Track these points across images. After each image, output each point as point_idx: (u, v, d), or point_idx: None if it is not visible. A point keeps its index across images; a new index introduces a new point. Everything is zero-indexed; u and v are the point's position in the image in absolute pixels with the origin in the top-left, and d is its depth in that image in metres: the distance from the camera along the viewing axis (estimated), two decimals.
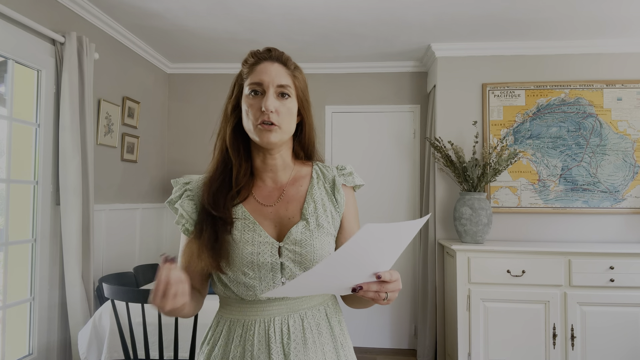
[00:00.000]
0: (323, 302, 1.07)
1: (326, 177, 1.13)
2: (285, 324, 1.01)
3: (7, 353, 2.42)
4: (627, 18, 2.98)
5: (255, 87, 1.01)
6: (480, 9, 2.87)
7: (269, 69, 1.02)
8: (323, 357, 1.01)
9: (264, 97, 1.00)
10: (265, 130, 0.99)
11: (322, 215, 1.06)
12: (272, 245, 1.01)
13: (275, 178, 1.09)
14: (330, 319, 1.07)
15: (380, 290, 0.86)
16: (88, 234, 2.72)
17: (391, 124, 4.00)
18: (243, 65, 1.06)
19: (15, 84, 2.45)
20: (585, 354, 2.88)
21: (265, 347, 0.98)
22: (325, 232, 1.05)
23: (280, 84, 1.01)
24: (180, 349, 2.23)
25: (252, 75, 1.02)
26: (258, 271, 0.99)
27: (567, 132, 3.40)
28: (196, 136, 4.11)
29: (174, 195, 1.06)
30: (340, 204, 1.09)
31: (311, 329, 1.02)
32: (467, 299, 2.97)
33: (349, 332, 3.92)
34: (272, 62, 1.03)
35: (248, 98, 1.02)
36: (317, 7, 2.87)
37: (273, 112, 0.99)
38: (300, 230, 1.02)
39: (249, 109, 1.01)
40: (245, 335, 1.00)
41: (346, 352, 1.07)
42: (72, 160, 2.60)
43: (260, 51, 1.05)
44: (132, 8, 2.90)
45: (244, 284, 0.99)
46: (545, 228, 3.41)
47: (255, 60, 1.04)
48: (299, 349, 0.99)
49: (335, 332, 1.06)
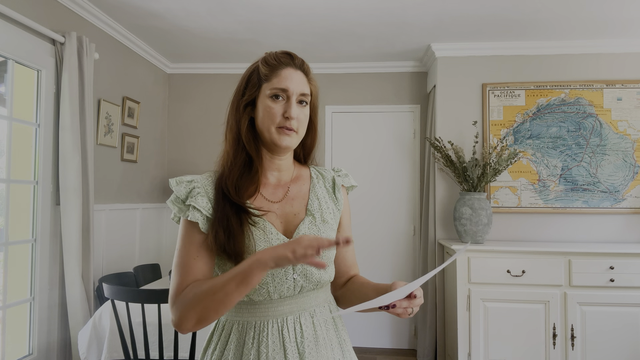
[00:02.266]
0: (326, 298, 1.11)
1: (325, 177, 1.18)
2: (298, 322, 1.02)
3: (7, 353, 2.42)
4: (626, 18, 2.99)
5: (279, 92, 1.03)
6: (480, 9, 2.87)
7: (294, 76, 1.04)
8: (332, 353, 1.04)
9: (285, 102, 1.03)
10: (285, 134, 1.03)
11: (325, 211, 1.10)
12: (283, 241, 1.02)
13: (280, 176, 1.11)
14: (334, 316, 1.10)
15: (409, 307, 0.93)
16: (88, 234, 2.72)
17: (391, 124, 4.00)
18: (263, 65, 1.06)
19: (15, 84, 2.45)
20: (585, 354, 2.88)
21: (281, 347, 0.99)
22: (330, 228, 1.09)
23: (303, 93, 1.05)
24: (180, 349, 2.23)
25: (276, 80, 1.03)
26: None
27: (567, 132, 3.40)
28: (196, 136, 4.11)
29: (179, 193, 1.04)
30: (340, 202, 1.15)
31: (320, 326, 1.05)
32: (467, 299, 2.97)
33: (349, 332, 3.93)
34: (296, 69, 1.06)
35: (269, 100, 1.03)
36: (317, 7, 2.87)
37: (295, 119, 1.03)
38: (308, 225, 1.06)
39: (270, 110, 1.03)
40: (259, 337, 1.00)
41: (348, 347, 1.11)
42: (72, 160, 2.60)
43: (282, 55, 1.06)
44: (132, 8, 2.90)
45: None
46: (545, 228, 3.41)
47: (278, 64, 1.05)
48: (312, 346, 1.01)
49: (339, 327, 1.10)
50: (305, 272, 1.02)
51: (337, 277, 1.18)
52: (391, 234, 3.96)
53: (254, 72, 1.07)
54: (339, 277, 1.18)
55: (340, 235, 1.15)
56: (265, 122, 1.03)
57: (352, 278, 1.17)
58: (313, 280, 1.03)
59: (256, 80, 1.06)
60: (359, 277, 1.17)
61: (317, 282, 1.04)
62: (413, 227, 3.94)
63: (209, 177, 1.08)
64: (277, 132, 1.03)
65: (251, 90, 1.06)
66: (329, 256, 1.07)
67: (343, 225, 1.16)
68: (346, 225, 1.17)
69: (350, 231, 1.20)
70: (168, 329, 2.24)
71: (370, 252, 3.95)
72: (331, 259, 1.08)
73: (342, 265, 1.17)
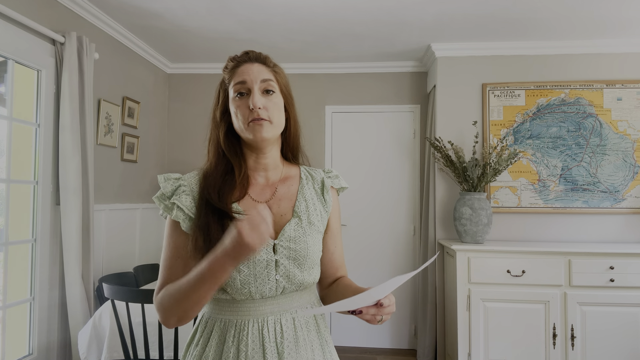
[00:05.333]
0: (310, 300, 1.10)
1: (314, 178, 1.17)
2: (279, 323, 1.02)
3: (7, 353, 2.42)
4: (626, 18, 2.99)
5: (240, 88, 1.04)
6: (480, 9, 2.87)
7: (250, 68, 1.05)
8: (312, 354, 1.04)
9: (250, 96, 1.03)
10: (257, 125, 1.02)
11: (313, 213, 1.10)
12: (267, 242, 1.01)
13: (267, 176, 1.11)
14: (316, 317, 1.10)
15: (377, 314, 0.92)
16: (88, 234, 2.72)
17: (391, 124, 4.00)
18: (224, 71, 1.09)
19: (15, 84, 2.45)
20: (585, 354, 2.88)
21: (260, 347, 0.99)
22: (316, 230, 1.09)
23: (264, 79, 1.05)
24: (180, 349, 2.23)
25: (235, 77, 1.06)
26: (253, 268, 1.00)
27: (567, 132, 3.40)
28: (196, 136, 4.11)
29: (165, 190, 1.05)
30: (328, 204, 1.14)
31: (302, 327, 1.05)
32: (467, 299, 2.97)
33: (349, 332, 3.93)
34: (252, 62, 1.07)
35: (235, 100, 1.05)
36: (317, 7, 2.87)
37: (261, 108, 1.02)
38: (293, 227, 1.05)
39: (237, 110, 1.04)
40: (239, 335, 1.00)
41: (330, 349, 1.10)
42: (72, 160, 2.60)
43: (238, 55, 1.08)
44: (132, 8, 2.90)
45: (238, 281, 0.99)
46: (545, 228, 3.41)
47: (235, 64, 1.07)
48: (292, 347, 1.01)
49: (321, 329, 1.10)
50: (288, 274, 1.02)
51: (323, 278, 1.16)
52: (391, 234, 3.96)
53: (222, 81, 1.11)
54: (325, 278, 1.16)
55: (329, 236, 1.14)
56: (237, 122, 1.05)
57: (338, 279, 1.16)
58: (295, 282, 1.03)
59: (224, 87, 1.09)
60: (345, 279, 1.15)
61: (299, 283, 1.04)
62: (413, 227, 3.94)
63: (196, 175, 1.09)
64: (249, 127, 1.02)
65: (222, 98, 1.09)
66: (314, 258, 1.06)
67: (331, 227, 1.15)
68: (335, 227, 1.16)
69: (340, 233, 1.19)
70: (168, 329, 2.24)
71: (370, 252, 3.95)
72: (316, 261, 1.07)
73: (329, 267, 1.16)
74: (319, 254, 1.09)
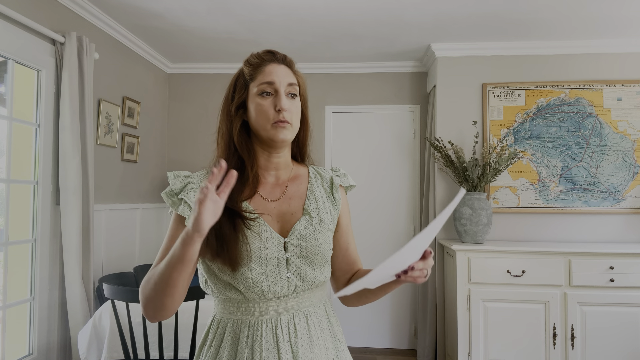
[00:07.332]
0: (322, 299, 1.10)
1: (323, 177, 1.17)
2: (292, 322, 1.02)
3: (7, 353, 2.42)
4: (627, 18, 2.99)
5: (266, 88, 1.04)
6: (480, 9, 2.87)
7: (277, 70, 1.05)
8: (326, 353, 1.04)
9: (274, 97, 1.03)
10: (280, 127, 1.03)
11: (322, 211, 1.10)
12: (278, 240, 1.02)
13: (278, 175, 1.11)
14: (329, 315, 1.10)
15: (424, 267, 0.92)
16: (88, 234, 2.72)
17: (391, 124, 4.00)
18: (246, 65, 1.08)
19: (15, 84, 2.45)
20: (585, 354, 2.88)
21: (274, 346, 0.99)
22: (326, 228, 1.08)
23: (290, 83, 1.05)
24: (180, 349, 2.23)
25: (261, 76, 1.04)
26: (265, 266, 1.00)
27: (567, 132, 3.40)
28: (196, 136, 4.11)
29: (174, 187, 1.06)
30: (338, 202, 1.14)
31: (315, 326, 1.05)
32: (467, 299, 2.97)
33: (349, 332, 3.93)
34: (279, 63, 1.07)
35: (259, 98, 1.04)
36: (317, 7, 2.87)
37: (287, 111, 1.03)
38: (304, 225, 1.05)
39: (260, 108, 1.03)
40: (253, 335, 1.00)
41: (343, 347, 1.11)
42: (72, 160, 2.60)
43: (264, 53, 1.07)
44: (132, 8, 2.90)
45: (250, 279, 0.99)
46: (545, 228, 3.41)
47: (260, 62, 1.06)
48: (306, 346, 1.01)
49: (334, 327, 1.10)
50: (299, 272, 1.02)
51: (341, 275, 1.16)
52: (391, 233, 3.96)
53: (240, 76, 1.09)
54: (343, 275, 1.16)
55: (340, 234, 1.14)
56: (259, 121, 1.04)
57: (355, 273, 1.16)
58: (307, 280, 1.03)
59: (243, 82, 1.07)
60: (363, 270, 1.16)
61: (311, 281, 1.04)
62: (413, 227, 3.94)
63: (205, 173, 1.09)
64: (273, 127, 1.03)
65: (239, 93, 1.07)
66: (325, 256, 1.06)
67: (342, 225, 1.15)
68: (345, 225, 1.16)
69: (351, 230, 1.19)
70: (168, 329, 2.24)
71: (370, 252, 3.95)
72: (327, 259, 1.07)
73: (345, 263, 1.16)
74: (330, 252, 1.09)
